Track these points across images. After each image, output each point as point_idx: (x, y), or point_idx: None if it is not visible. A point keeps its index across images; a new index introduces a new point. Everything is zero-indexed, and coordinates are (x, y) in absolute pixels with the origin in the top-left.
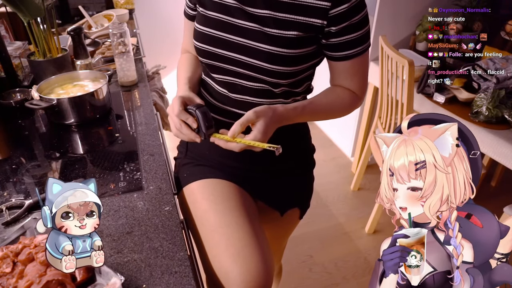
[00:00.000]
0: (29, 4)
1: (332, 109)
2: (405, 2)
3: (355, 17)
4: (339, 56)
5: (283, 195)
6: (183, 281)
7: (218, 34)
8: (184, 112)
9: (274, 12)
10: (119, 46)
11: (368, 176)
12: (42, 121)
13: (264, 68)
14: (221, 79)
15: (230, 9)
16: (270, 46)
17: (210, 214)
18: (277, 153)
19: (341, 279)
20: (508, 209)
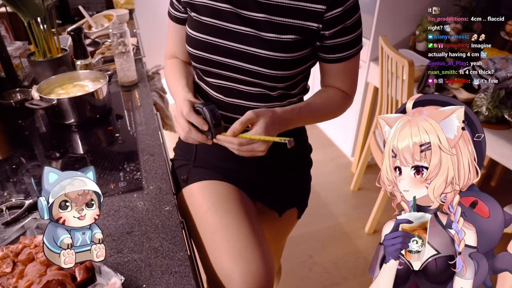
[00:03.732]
0: (29, 4)
1: (327, 109)
2: (405, 2)
3: (349, 19)
4: (332, 58)
5: (281, 196)
6: (183, 281)
7: (213, 40)
8: (194, 113)
9: (270, 15)
10: (119, 46)
11: (368, 176)
12: (42, 121)
13: (261, 73)
14: (216, 84)
15: (223, 13)
16: (267, 51)
17: (210, 216)
18: (289, 145)
19: (341, 279)
20: (508, 209)
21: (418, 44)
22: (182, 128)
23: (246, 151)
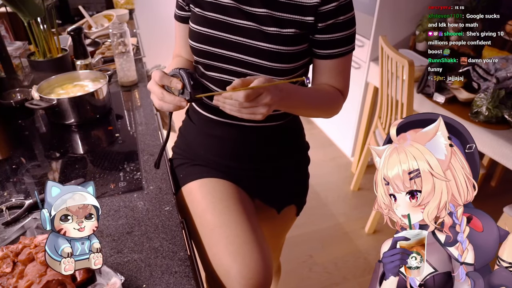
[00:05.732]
0: (29, 4)
1: (322, 98)
2: (405, 2)
3: (341, 16)
4: (324, 54)
5: (279, 193)
6: (183, 281)
7: (215, 34)
8: (166, 75)
9: (271, 11)
10: (119, 46)
11: (368, 176)
12: (42, 121)
13: (262, 65)
14: (217, 78)
15: (227, 8)
16: (268, 44)
17: (209, 213)
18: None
19: (341, 279)
20: (508, 209)
21: (418, 44)
22: (156, 95)
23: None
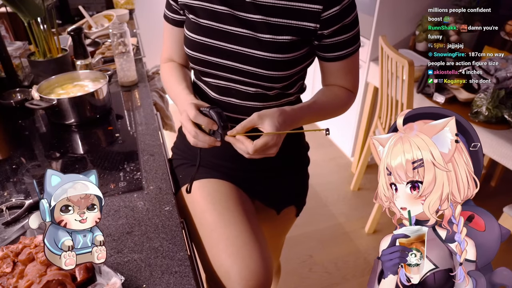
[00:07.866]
0: (29, 4)
1: (333, 106)
2: (405, 2)
3: (346, 18)
4: (332, 57)
5: (279, 194)
6: (183, 281)
7: (211, 42)
8: (200, 115)
9: (266, 17)
10: (119, 46)
11: (368, 176)
12: (42, 121)
13: (258, 73)
14: (214, 84)
15: (221, 15)
16: (263, 52)
17: (209, 214)
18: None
19: (341, 279)
20: (508, 209)
21: (418, 44)
22: (189, 132)
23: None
